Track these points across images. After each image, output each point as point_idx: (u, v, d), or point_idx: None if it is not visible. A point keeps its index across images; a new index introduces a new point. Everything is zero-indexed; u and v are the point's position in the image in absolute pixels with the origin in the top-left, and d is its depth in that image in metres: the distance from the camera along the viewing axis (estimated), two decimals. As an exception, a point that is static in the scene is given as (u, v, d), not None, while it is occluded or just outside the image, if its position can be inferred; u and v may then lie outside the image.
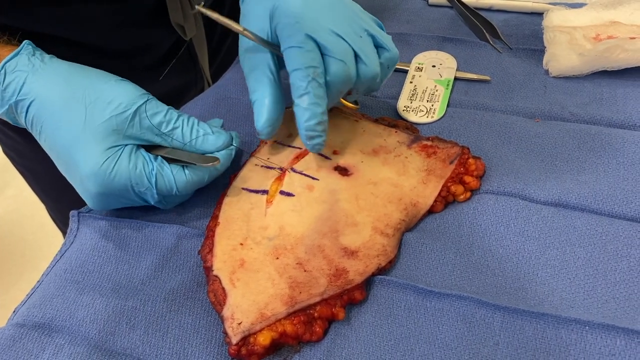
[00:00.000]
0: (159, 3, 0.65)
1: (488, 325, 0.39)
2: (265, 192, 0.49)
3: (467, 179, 0.48)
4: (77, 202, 0.53)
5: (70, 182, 0.47)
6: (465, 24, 0.65)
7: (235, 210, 0.48)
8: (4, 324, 0.45)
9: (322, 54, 0.45)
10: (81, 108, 0.45)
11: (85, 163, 0.45)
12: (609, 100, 0.55)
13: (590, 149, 0.50)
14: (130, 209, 0.51)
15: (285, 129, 0.54)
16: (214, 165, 0.47)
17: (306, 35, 0.45)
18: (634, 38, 0.55)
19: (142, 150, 0.47)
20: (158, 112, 0.47)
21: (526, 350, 0.38)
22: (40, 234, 1.64)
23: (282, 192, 0.48)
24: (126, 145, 0.46)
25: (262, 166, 0.51)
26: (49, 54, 0.48)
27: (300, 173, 0.49)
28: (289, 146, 0.52)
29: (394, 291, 0.42)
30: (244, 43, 0.50)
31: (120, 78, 0.48)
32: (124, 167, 0.45)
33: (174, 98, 0.75)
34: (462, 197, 0.48)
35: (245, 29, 0.47)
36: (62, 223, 0.85)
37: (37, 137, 0.47)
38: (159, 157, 0.47)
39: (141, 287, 0.45)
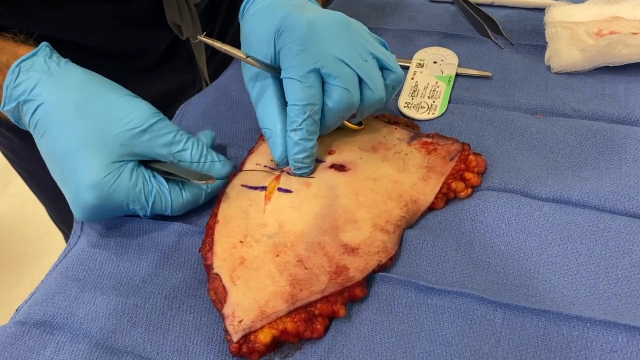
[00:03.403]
0: (155, 3, 0.65)
1: (489, 322, 0.39)
2: (263, 188, 0.48)
3: (468, 175, 0.48)
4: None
5: (63, 190, 0.47)
6: (466, 19, 0.65)
7: (234, 207, 0.48)
8: (7, 322, 0.46)
9: (325, 82, 0.46)
10: (92, 117, 0.45)
11: (86, 173, 0.44)
12: (611, 96, 0.55)
13: (592, 145, 0.50)
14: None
15: None
16: (208, 183, 0.47)
17: (309, 69, 0.44)
18: (636, 33, 0.55)
19: (143, 168, 0.47)
20: (169, 132, 0.47)
21: (527, 347, 0.38)
22: (43, 232, 1.65)
23: (279, 189, 0.48)
24: (130, 161, 0.46)
25: (265, 165, 0.51)
26: None
27: (295, 174, 0.49)
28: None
29: (395, 288, 0.42)
30: (247, 69, 0.50)
31: (134, 94, 0.48)
32: (124, 183, 0.45)
33: (172, 98, 0.75)
34: (463, 193, 0.48)
35: (248, 56, 0.47)
36: (61, 223, 0.85)
37: (37, 140, 0.47)
38: (158, 176, 0.47)
39: (142, 284, 0.45)
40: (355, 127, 0.52)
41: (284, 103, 0.48)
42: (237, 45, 0.69)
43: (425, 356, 0.39)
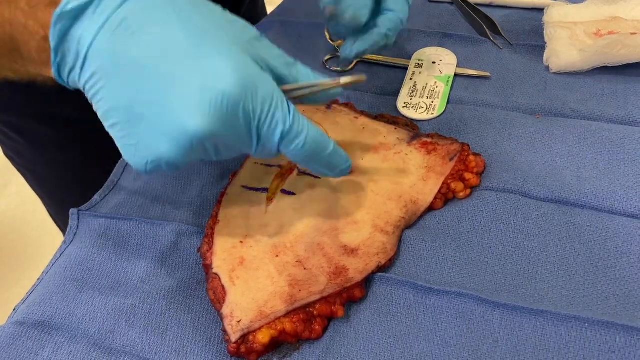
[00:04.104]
0: None
1: (487, 323, 0.39)
2: (265, 190, 0.48)
3: (467, 175, 0.48)
4: (77, 202, 0.53)
5: (158, 110, 0.35)
6: (465, 20, 0.65)
7: (235, 208, 0.48)
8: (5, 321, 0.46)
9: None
10: (208, 12, 0.37)
11: (225, 53, 0.34)
12: (610, 97, 0.55)
13: (591, 145, 0.50)
14: (129, 206, 0.51)
15: None
16: (360, 80, 0.40)
17: None
18: (634, 34, 0.55)
19: None
20: (276, 47, 0.40)
21: (525, 348, 0.38)
22: (42, 232, 1.65)
23: (283, 191, 0.48)
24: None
25: (261, 164, 0.51)
26: None
27: (304, 173, 0.49)
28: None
29: (394, 288, 0.42)
30: None
31: None
32: (269, 79, 0.36)
33: None
34: (462, 194, 0.48)
35: None
36: (62, 223, 0.85)
37: (121, 45, 0.34)
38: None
39: (140, 285, 0.45)
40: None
41: None
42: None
43: (423, 356, 0.39)
